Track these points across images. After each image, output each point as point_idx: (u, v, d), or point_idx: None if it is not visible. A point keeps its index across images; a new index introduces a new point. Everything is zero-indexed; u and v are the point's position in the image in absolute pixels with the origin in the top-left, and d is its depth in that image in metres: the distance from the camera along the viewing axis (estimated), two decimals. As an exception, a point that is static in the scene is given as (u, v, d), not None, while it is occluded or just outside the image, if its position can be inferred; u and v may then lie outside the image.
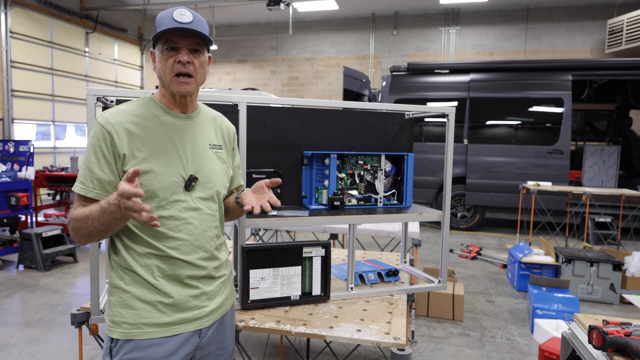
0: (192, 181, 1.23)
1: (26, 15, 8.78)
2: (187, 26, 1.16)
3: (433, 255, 5.81)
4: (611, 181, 7.90)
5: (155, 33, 1.19)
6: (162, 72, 1.22)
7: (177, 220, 1.21)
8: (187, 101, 1.28)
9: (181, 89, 1.21)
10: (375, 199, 2.05)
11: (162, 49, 1.21)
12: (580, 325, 1.48)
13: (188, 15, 1.19)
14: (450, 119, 1.94)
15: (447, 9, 11.11)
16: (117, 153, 1.17)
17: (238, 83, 13.04)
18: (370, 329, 1.51)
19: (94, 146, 1.17)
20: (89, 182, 1.16)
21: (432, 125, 7.53)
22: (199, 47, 1.22)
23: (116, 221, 1.08)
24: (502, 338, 3.35)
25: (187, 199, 1.23)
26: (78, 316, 1.59)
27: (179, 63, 1.19)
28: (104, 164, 1.16)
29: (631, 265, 4.31)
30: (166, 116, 1.25)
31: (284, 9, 9.34)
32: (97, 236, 1.14)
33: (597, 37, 10.25)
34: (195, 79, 1.22)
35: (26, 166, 5.52)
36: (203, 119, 1.34)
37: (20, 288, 4.27)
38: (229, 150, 1.41)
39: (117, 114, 1.20)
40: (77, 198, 1.20)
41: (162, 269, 1.20)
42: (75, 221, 1.14)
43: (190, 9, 1.21)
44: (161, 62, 1.21)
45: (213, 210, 1.31)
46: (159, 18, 1.20)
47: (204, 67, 1.25)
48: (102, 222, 1.09)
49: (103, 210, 1.07)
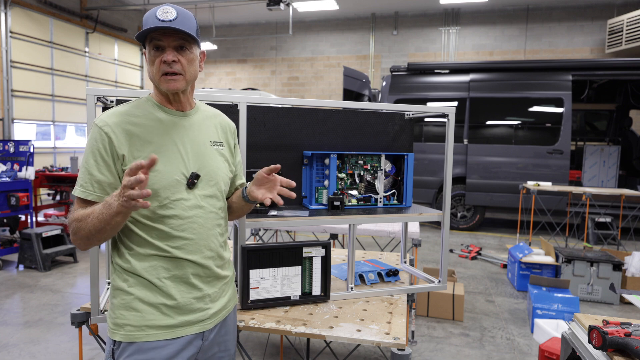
0: (194, 179, 1.22)
1: (26, 15, 8.78)
2: (169, 24, 1.14)
3: (433, 255, 5.81)
4: (611, 181, 7.90)
5: (138, 33, 1.17)
6: (151, 72, 1.21)
7: (181, 219, 1.20)
8: (181, 98, 1.27)
9: (169, 87, 1.20)
10: (375, 199, 2.05)
11: (149, 49, 1.19)
12: (580, 325, 1.48)
13: (172, 12, 1.16)
14: (450, 119, 1.94)
15: (447, 9, 11.10)
16: (116, 154, 1.16)
17: (238, 83, 13.04)
18: (370, 329, 1.51)
19: (92, 149, 1.16)
20: (89, 185, 1.15)
21: (432, 125, 7.52)
22: (185, 43, 1.20)
23: (112, 217, 1.05)
24: (502, 338, 3.35)
25: (190, 197, 1.22)
26: (78, 316, 1.59)
27: (165, 63, 1.18)
28: (102, 166, 1.16)
29: (631, 265, 4.31)
30: (164, 115, 1.25)
31: (284, 9, 9.33)
32: (95, 237, 1.11)
33: (597, 37, 10.25)
34: (184, 76, 1.21)
35: (26, 166, 5.52)
36: (202, 116, 1.34)
37: (20, 288, 4.27)
38: (230, 146, 1.41)
39: (114, 115, 1.20)
40: (77, 201, 1.18)
41: (167, 269, 1.19)
42: (76, 221, 1.13)
43: (176, 6, 1.18)
44: (149, 63, 1.21)
45: (217, 207, 1.30)
46: (145, 17, 1.18)
47: (193, 64, 1.23)
48: (100, 219, 1.06)
49: (104, 204, 1.06)
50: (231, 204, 1.42)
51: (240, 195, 1.39)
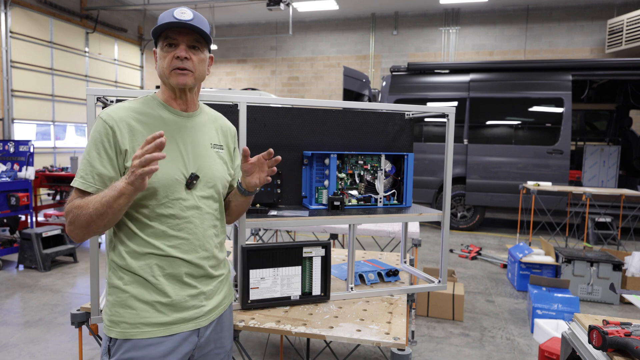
0: (193, 179, 1.23)
1: (26, 15, 8.78)
2: (186, 23, 1.18)
3: (433, 255, 5.81)
4: (611, 181, 7.90)
5: (154, 27, 1.19)
6: (161, 68, 1.23)
7: (178, 218, 1.21)
8: (187, 97, 1.28)
9: (179, 80, 1.21)
10: (375, 199, 2.05)
11: (162, 45, 1.22)
12: (580, 325, 1.48)
13: (189, 13, 1.20)
14: (450, 119, 1.94)
15: (447, 9, 11.11)
16: (119, 148, 1.16)
17: (238, 83, 13.04)
18: (370, 329, 1.51)
19: (95, 141, 1.16)
20: (89, 177, 1.15)
21: (432, 125, 7.52)
22: (197, 44, 1.23)
23: (116, 199, 1.05)
24: (502, 338, 3.35)
25: (188, 197, 1.23)
26: (78, 316, 1.59)
27: (177, 58, 1.20)
28: (105, 159, 1.16)
29: (631, 265, 4.31)
30: (168, 114, 1.26)
31: (284, 9, 9.34)
32: (95, 223, 1.09)
33: (597, 37, 10.25)
34: (193, 73, 1.23)
35: (26, 166, 5.52)
36: (205, 119, 1.35)
37: (20, 288, 4.27)
38: (230, 150, 1.42)
39: (119, 110, 1.21)
40: (74, 192, 1.16)
41: (161, 267, 1.20)
42: (76, 208, 1.10)
43: (192, 9, 1.22)
44: (161, 59, 1.23)
45: (213, 209, 1.31)
46: (161, 16, 1.22)
47: (203, 64, 1.26)
48: (103, 202, 1.06)
49: (109, 188, 1.07)
50: (229, 205, 1.42)
51: (236, 192, 1.39)
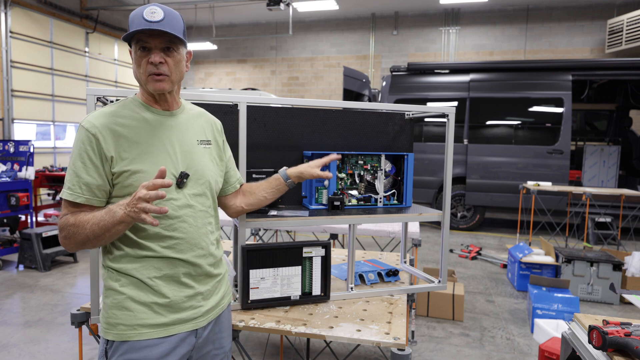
0: (183, 178, 1.22)
1: (26, 15, 8.78)
2: (156, 26, 1.13)
3: (433, 255, 5.81)
4: (611, 181, 7.90)
5: (125, 34, 1.17)
6: (137, 72, 1.21)
7: (171, 219, 1.20)
8: (167, 98, 1.26)
9: (156, 87, 1.19)
10: (375, 199, 2.05)
11: (135, 49, 1.19)
12: (580, 325, 1.48)
13: (159, 12, 1.15)
14: (450, 119, 1.94)
15: (447, 9, 11.10)
16: (104, 156, 1.15)
17: (238, 83, 13.04)
18: (370, 329, 1.51)
19: (79, 151, 1.15)
20: (77, 187, 1.14)
21: (432, 125, 7.52)
22: (171, 44, 1.19)
23: (114, 225, 1.07)
24: (502, 338, 3.35)
25: (179, 196, 1.22)
26: (78, 316, 1.59)
27: (151, 64, 1.17)
28: (91, 168, 1.15)
29: (631, 265, 4.31)
30: (151, 114, 1.24)
31: (284, 9, 9.33)
32: (91, 242, 1.13)
33: (597, 37, 10.25)
34: (170, 77, 1.20)
35: (26, 166, 5.52)
36: (188, 116, 1.33)
37: (20, 288, 4.27)
38: (219, 144, 1.41)
39: (101, 116, 1.19)
40: (65, 205, 1.17)
41: (158, 268, 1.20)
42: (72, 226, 1.12)
43: (162, 5, 1.17)
44: (135, 63, 1.20)
45: (206, 206, 1.30)
46: (131, 17, 1.17)
47: (179, 65, 1.23)
48: (101, 225, 1.08)
49: (107, 211, 1.08)
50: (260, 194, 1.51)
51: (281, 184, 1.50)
